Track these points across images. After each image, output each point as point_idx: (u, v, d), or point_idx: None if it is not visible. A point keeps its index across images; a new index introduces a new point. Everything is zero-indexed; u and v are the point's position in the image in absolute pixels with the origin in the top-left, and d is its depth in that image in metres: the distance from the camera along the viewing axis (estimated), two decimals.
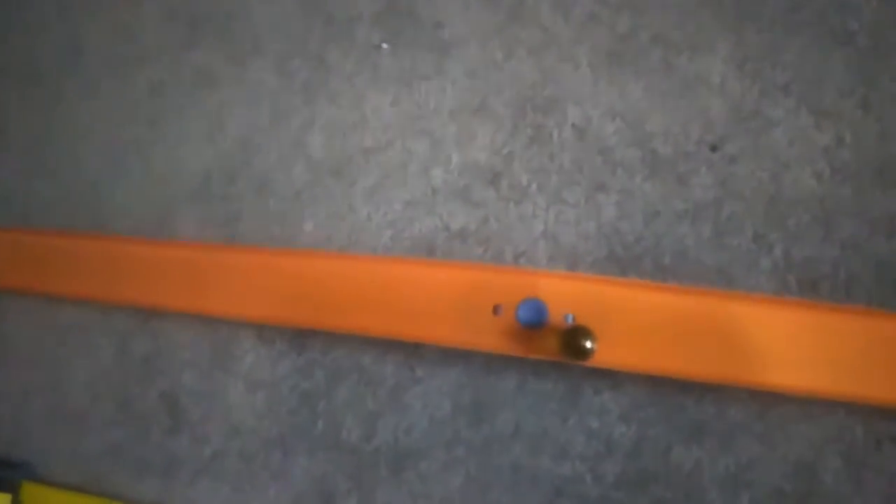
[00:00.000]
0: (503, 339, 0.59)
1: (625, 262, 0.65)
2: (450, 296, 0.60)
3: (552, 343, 0.58)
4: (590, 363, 0.58)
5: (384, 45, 0.74)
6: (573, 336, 0.55)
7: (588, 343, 0.54)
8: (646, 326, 0.57)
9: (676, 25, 0.66)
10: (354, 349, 0.68)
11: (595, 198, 0.67)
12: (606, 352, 0.57)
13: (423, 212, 0.70)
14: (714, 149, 0.66)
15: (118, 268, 0.74)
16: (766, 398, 0.59)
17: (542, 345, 0.58)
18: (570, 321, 0.58)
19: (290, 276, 0.67)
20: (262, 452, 0.69)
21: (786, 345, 0.56)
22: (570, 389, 0.63)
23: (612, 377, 0.62)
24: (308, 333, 0.69)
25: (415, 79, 0.73)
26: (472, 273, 0.61)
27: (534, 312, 0.58)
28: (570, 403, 0.63)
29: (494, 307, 0.59)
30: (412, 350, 0.67)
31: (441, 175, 0.71)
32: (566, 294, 0.58)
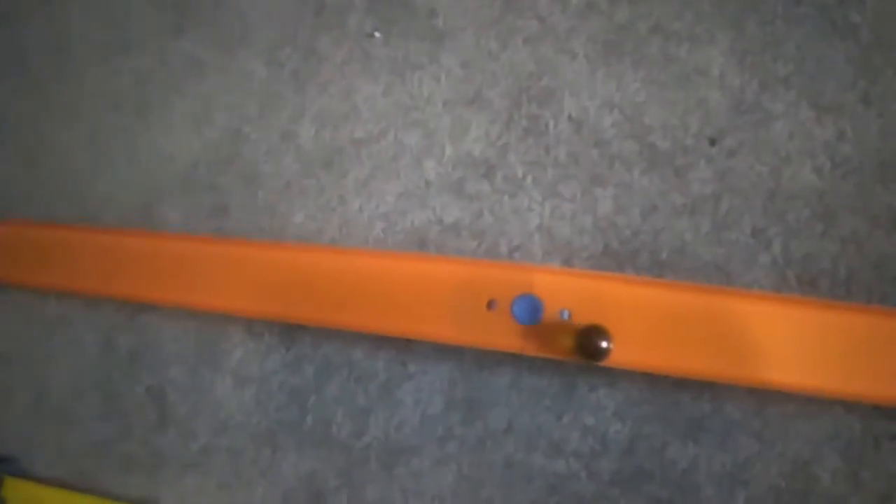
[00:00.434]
0: (498, 336, 0.57)
1: (621, 257, 0.64)
2: (443, 291, 0.59)
3: (547, 339, 0.56)
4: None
5: (377, 34, 0.73)
6: (588, 336, 0.54)
7: (604, 343, 0.53)
8: (643, 323, 0.56)
9: (676, 16, 0.65)
10: (345, 344, 0.67)
11: (591, 191, 0.66)
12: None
13: (416, 204, 0.69)
14: (713, 142, 0.64)
15: (103, 260, 0.72)
16: (764, 395, 0.58)
17: (538, 341, 0.57)
18: (566, 317, 0.56)
19: (280, 270, 0.66)
20: (251, 448, 0.67)
21: (785, 342, 0.55)
22: (565, 386, 0.62)
23: (608, 374, 0.61)
24: (297, 328, 0.68)
25: (408, 69, 0.71)
26: (467, 268, 0.60)
27: (529, 308, 0.57)
28: (565, 400, 0.62)
29: (489, 302, 0.58)
30: (404, 345, 0.65)
31: (434, 167, 0.69)
32: (562, 289, 0.57)
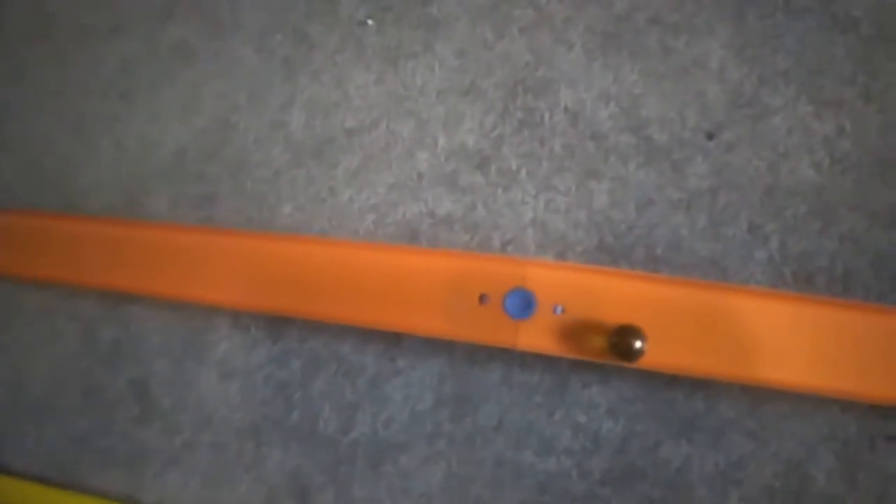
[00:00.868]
0: (489, 330, 0.56)
1: (616, 252, 0.62)
2: (435, 284, 0.58)
3: (540, 334, 0.55)
4: (581, 356, 0.56)
5: (369, 21, 0.71)
6: (622, 336, 0.52)
7: (638, 343, 0.51)
8: (636, 319, 0.55)
9: (675, 7, 0.64)
10: (333, 338, 0.66)
11: (586, 185, 0.64)
12: (597, 344, 0.55)
13: (408, 196, 0.67)
14: (711, 136, 0.63)
15: (86, 249, 0.70)
16: (759, 394, 0.57)
17: (530, 336, 0.55)
18: (559, 312, 0.55)
19: (268, 261, 0.64)
20: (235, 444, 0.66)
21: (781, 339, 0.54)
22: (557, 382, 0.61)
23: (601, 370, 0.60)
24: (285, 321, 0.66)
25: (401, 57, 0.70)
26: (459, 261, 0.59)
27: (521, 303, 0.55)
28: (557, 397, 0.61)
29: (481, 296, 0.57)
30: (393, 340, 0.64)
31: (427, 158, 0.68)
32: (555, 284, 0.56)
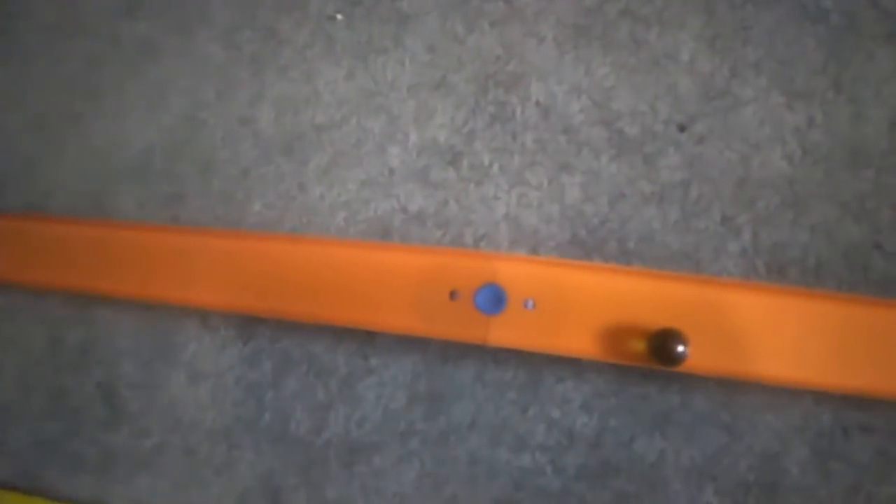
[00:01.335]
0: (461, 326, 0.55)
1: (589, 246, 0.62)
2: (405, 281, 0.57)
3: (511, 329, 0.54)
4: (551, 350, 0.55)
5: (339, 16, 0.70)
6: (663, 340, 0.51)
7: (680, 347, 0.50)
8: (609, 312, 0.54)
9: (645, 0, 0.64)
10: (304, 337, 0.65)
11: (559, 179, 0.64)
12: (568, 339, 0.55)
13: (380, 193, 0.66)
14: (682, 129, 0.63)
15: (52, 250, 0.69)
16: (732, 387, 0.57)
17: (502, 331, 0.55)
18: (530, 307, 0.54)
19: (237, 260, 0.63)
20: (206, 446, 0.65)
21: (755, 331, 0.53)
22: (531, 378, 0.60)
23: (575, 365, 0.59)
24: (255, 321, 0.65)
25: (371, 52, 0.69)
26: (429, 257, 0.58)
27: (492, 298, 0.55)
28: (531, 393, 0.60)
29: (451, 293, 0.56)
30: (366, 338, 0.63)
31: (398, 154, 0.67)
32: (526, 278, 0.55)
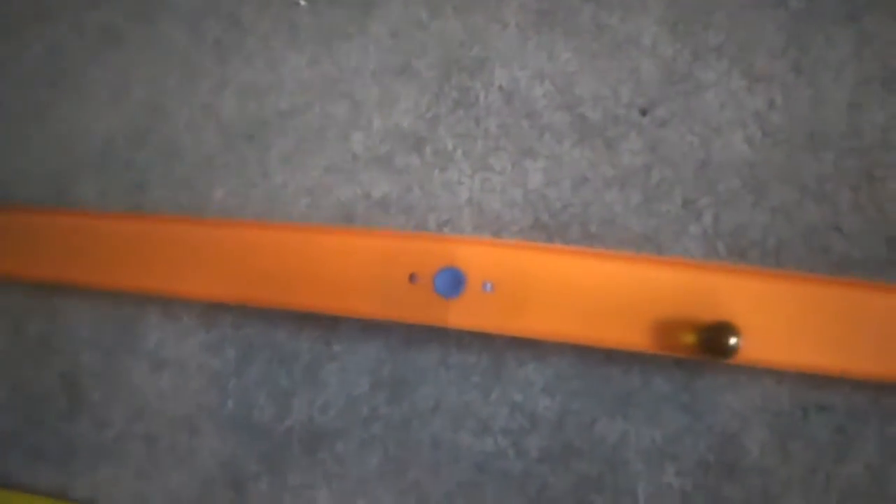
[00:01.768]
0: (420, 310, 0.55)
1: (551, 230, 0.62)
2: (365, 265, 0.57)
3: (470, 312, 0.54)
4: (511, 332, 0.55)
5: (302, 2, 0.70)
6: (716, 333, 0.51)
7: (732, 340, 0.50)
8: (571, 293, 0.54)
9: None
10: (267, 325, 0.64)
11: (522, 164, 0.64)
12: (530, 321, 0.55)
13: (343, 179, 0.66)
14: (644, 113, 0.63)
15: (12, 240, 0.68)
16: (693, 368, 0.57)
17: (460, 314, 0.55)
18: (489, 290, 0.54)
19: (200, 247, 0.63)
20: (168, 435, 0.64)
21: (715, 311, 0.53)
22: (494, 362, 0.60)
23: (537, 348, 0.59)
24: (218, 308, 0.65)
25: (334, 38, 0.69)
26: (388, 241, 0.58)
27: (451, 281, 0.54)
28: (493, 376, 0.60)
29: (411, 276, 0.56)
30: (329, 325, 0.63)
31: (362, 140, 0.67)
32: (485, 261, 0.55)
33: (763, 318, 0.52)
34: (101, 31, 0.74)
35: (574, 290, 0.54)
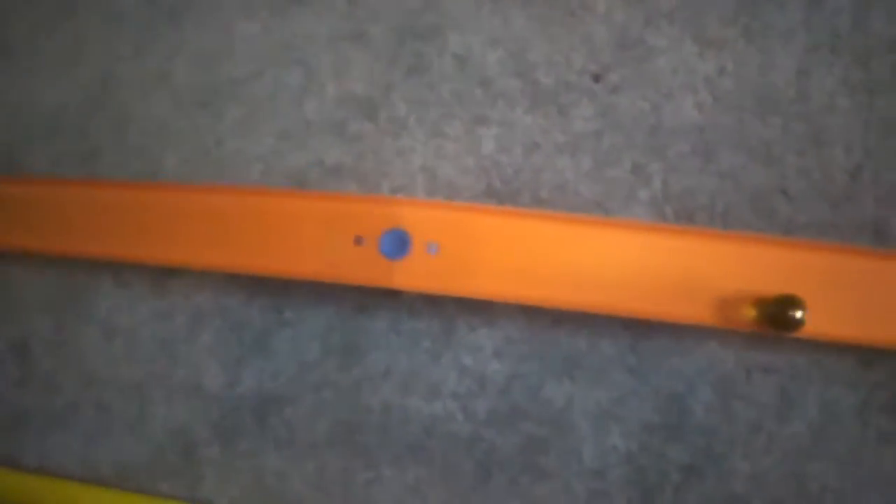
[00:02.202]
0: (365, 272, 0.55)
1: (503, 196, 0.62)
2: (311, 228, 0.56)
3: (415, 274, 0.54)
4: (456, 293, 0.55)
5: None
6: (781, 306, 0.50)
7: (798, 313, 0.49)
8: (518, 255, 0.54)
9: None
10: (218, 292, 0.64)
11: (475, 130, 0.64)
12: (476, 282, 0.55)
13: (296, 146, 0.66)
14: (596, 79, 0.63)
15: None
16: (639, 330, 0.57)
17: (405, 276, 0.55)
18: (434, 251, 0.54)
19: (150, 212, 0.62)
20: (119, 402, 0.64)
21: (661, 272, 0.54)
22: (445, 327, 0.60)
23: (488, 313, 0.59)
24: (169, 275, 0.64)
25: (288, 5, 0.68)
26: (334, 203, 0.57)
27: (396, 243, 0.54)
28: (444, 341, 0.60)
29: (356, 238, 0.55)
30: (280, 291, 0.63)
31: (315, 107, 0.66)
32: (430, 223, 0.55)
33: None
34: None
35: (522, 252, 0.54)
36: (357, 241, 0.55)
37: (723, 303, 0.53)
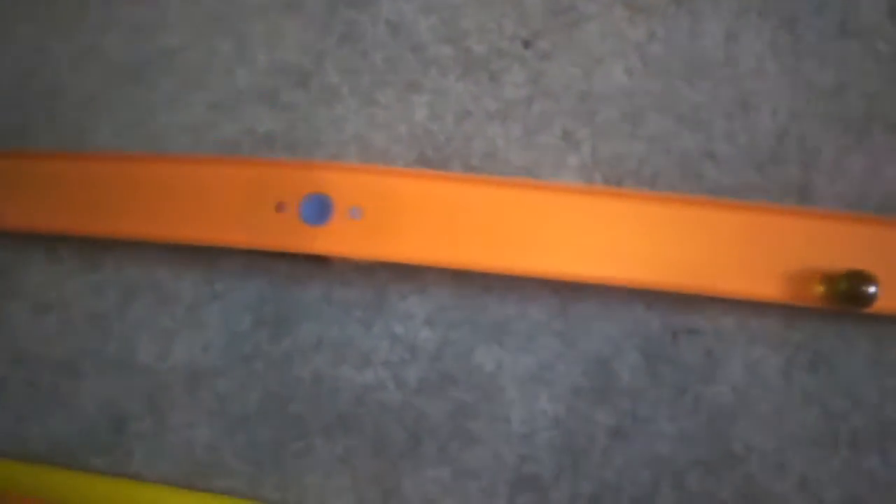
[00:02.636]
0: (286, 238, 0.54)
1: (434, 164, 0.62)
2: (231, 195, 0.56)
3: (338, 239, 0.54)
4: (380, 257, 0.55)
5: None
6: (852, 282, 0.48)
7: (871, 288, 0.48)
8: (444, 219, 0.54)
9: None
10: (149, 266, 0.63)
11: (408, 98, 0.63)
12: (404, 247, 0.54)
13: (228, 115, 0.65)
14: (527, 45, 0.63)
15: None
16: (567, 295, 0.57)
17: (328, 241, 0.54)
18: (356, 216, 0.54)
19: (79, 183, 0.61)
20: (49, 379, 0.63)
21: (589, 234, 0.54)
22: (376, 296, 0.60)
23: (419, 279, 0.59)
24: (101, 250, 0.64)
25: None
26: (255, 169, 0.57)
27: (318, 208, 0.54)
28: (376, 310, 0.59)
29: (277, 205, 0.55)
30: (211, 263, 0.62)
31: (247, 76, 0.65)
32: (352, 187, 0.54)
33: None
34: None
35: (446, 216, 0.54)
36: (279, 208, 0.55)
37: (790, 279, 0.52)
